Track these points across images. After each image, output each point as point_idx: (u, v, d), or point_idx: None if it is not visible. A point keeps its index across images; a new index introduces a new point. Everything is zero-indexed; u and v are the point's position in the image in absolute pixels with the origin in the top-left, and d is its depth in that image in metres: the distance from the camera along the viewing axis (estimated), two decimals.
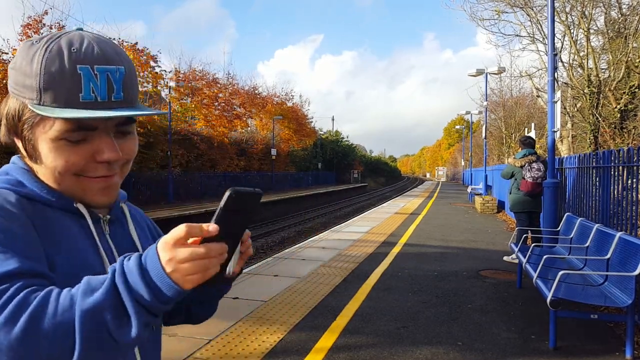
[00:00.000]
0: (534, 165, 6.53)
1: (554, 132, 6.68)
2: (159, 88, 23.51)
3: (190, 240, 0.62)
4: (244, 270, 4.46)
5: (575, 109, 11.87)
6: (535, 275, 3.83)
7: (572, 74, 11.62)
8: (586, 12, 10.69)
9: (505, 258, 7.05)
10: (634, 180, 4.35)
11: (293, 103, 42.24)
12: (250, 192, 0.66)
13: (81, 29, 0.77)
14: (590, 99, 10.60)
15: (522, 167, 6.64)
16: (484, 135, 19.71)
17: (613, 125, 10.57)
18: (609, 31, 10.92)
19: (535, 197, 6.63)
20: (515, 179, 6.82)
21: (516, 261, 5.82)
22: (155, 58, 21.73)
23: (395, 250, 7.76)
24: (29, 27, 15.91)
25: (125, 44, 20.77)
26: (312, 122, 47.27)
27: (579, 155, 6.40)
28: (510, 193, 6.94)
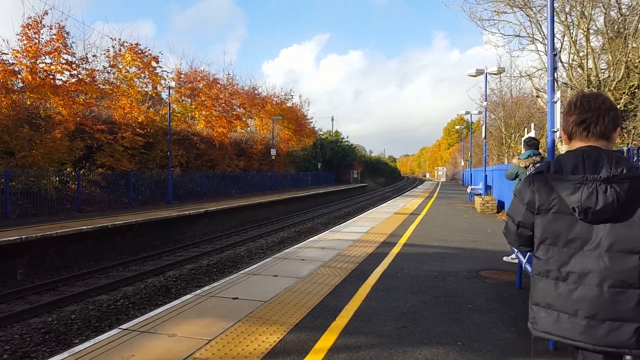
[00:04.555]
0: (538, 166, 6.52)
1: (554, 132, 6.68)
2: (159, 89, 23.52)
3: None
4: (244, 270, 4.48)
5: None
6: None
7: (572, 74, 11.62)
8: (586, 13, 10.69)
9: (504, 258, 7.06)
10: None
11: (293, 103, 42.26)
12: None
13: None
14: None
15: (526, 167, 6.65)
16: (483, 135, 19.70)
17: None
18: (609, 31, 10.93)
19: None
20: (520, 180, 6.82)
21: (516, 261, 5.82)
22: (157, 59, 21.73)
23: (395, 250, 7.76)
24: (29, 27, 15.90)
25: (125, 44, 20.79)
26: (311, 122, 47.34)
27: None
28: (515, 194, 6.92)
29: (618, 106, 10.41)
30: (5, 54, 15.17)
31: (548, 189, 1.73)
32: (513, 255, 6.47)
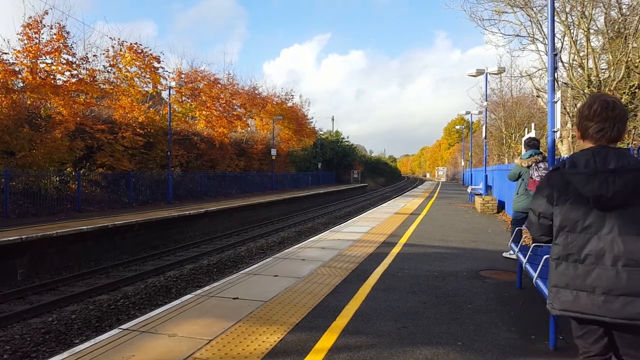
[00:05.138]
0: (541, 165, 6.56)
1: (554, 132, 6.68)
2: (159, 89, 23.51)
3: None
4: (244, 270, 4.49)
5: (575, 109, 11.86)
6: (535, 275, 3.82)
7: (572, 74, 11.61)
8: (586, 12, 10.68)
9: (504, 254, 7.10)
10: None
11: (293, 103, 42.28)
12: None
13: None
14: None
15: (528, 167, 6.66)
16: (484, 135, 19.69)
17: None
18: (609, 31, 10.91)
19: None
20: (523, 179, 6.82)
21: (514, 256, 5.84)
22: (159, 59, 21.71)
23: (395, 250, 7.76)
24: (30, 27, 15.91)
25: (125, 44, 20.79)
26: (312, 122, 47.36)
27: None
28: (518, 194, 6.93)
29: None
30: (5, 53, 15.18)
31: (564, 182, 1.99)
32: (511, 252, 6.48)
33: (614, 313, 1.87)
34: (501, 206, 14.63)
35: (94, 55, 19.46)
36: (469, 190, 21.67)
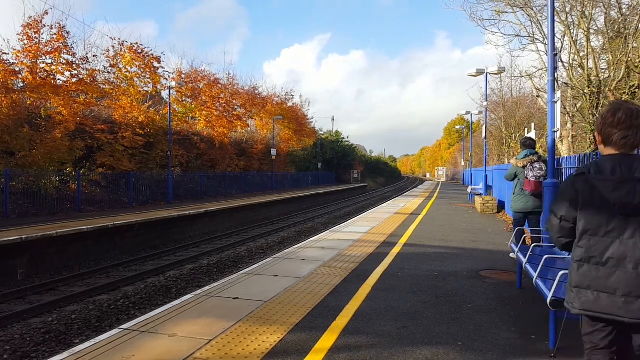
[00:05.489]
0: (536, 165, 6.59)
1: (554, 132, 6.69)
2: (159, 89, 23.50)
3: None
4: (244, 270, 4.50)
5: (575, 109, 11.85)
6: (535, 275, 3.82)
7: (572, 74, 11.60)
8: (586, 12, 10.67)
9: (511, 255, 7.11)
10: None
11: (293, 103, 42.28)
12: None
13: None
14: (590, 99, 10.59)
15: (524, 167, 6.68)
16: (484, 135, 19.70)
17: None
18: (609, 31, 10.90)
19: (538, 196, 6.66)
20: (519, 179, 6.85)
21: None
22: (159, 59, 21.69)
23: (396, 250, 7.76)
24: (30, 27, 15.91)
25: (125, 44, 20.79)
26: (312, 122, 47.36)
27: (579, 156, 6.41)
28: (514, 194, 6.94)
29: None
30: (6, 53, 15.19)
31: (589, 187, 2.06)
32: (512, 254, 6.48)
33: (633, 314, 1.96)
34: (501, 206, 14.63)
35: (94, 56, 19.45)
36: (469, 190, 21.66)
